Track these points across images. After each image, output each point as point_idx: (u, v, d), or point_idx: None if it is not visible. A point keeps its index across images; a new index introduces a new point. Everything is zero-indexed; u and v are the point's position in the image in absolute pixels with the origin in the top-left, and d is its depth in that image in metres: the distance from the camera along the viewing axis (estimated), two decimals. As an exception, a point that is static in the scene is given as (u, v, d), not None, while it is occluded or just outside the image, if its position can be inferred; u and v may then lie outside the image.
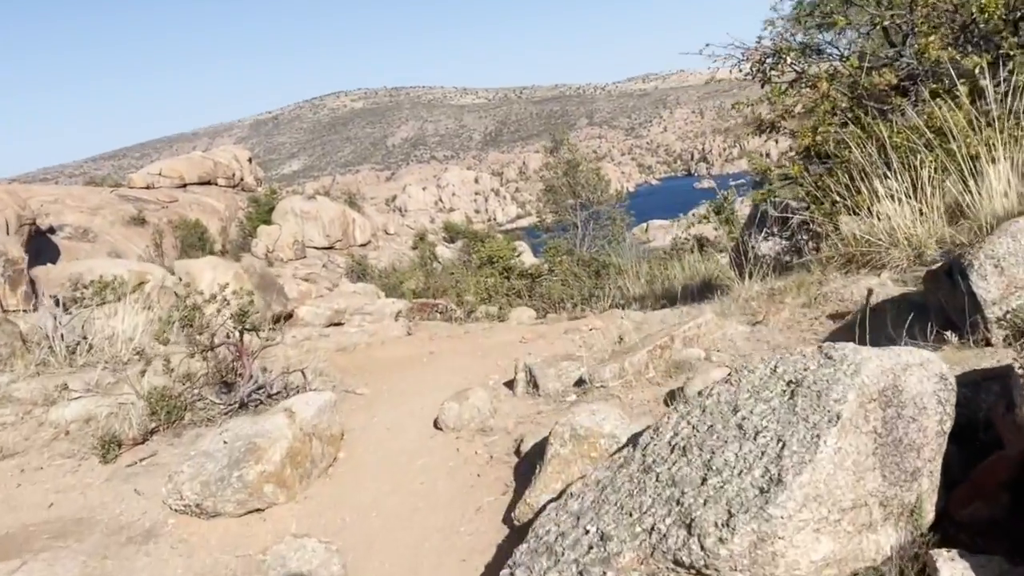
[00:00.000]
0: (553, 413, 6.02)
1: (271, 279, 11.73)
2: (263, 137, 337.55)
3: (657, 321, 8.23)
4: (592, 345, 7.76)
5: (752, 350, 6.21)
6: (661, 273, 11.79)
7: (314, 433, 5.93)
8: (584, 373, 6.35)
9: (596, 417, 4.80)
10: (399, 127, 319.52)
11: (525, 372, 6.87)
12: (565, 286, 14.55)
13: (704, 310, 7.17)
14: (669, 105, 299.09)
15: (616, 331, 7.85)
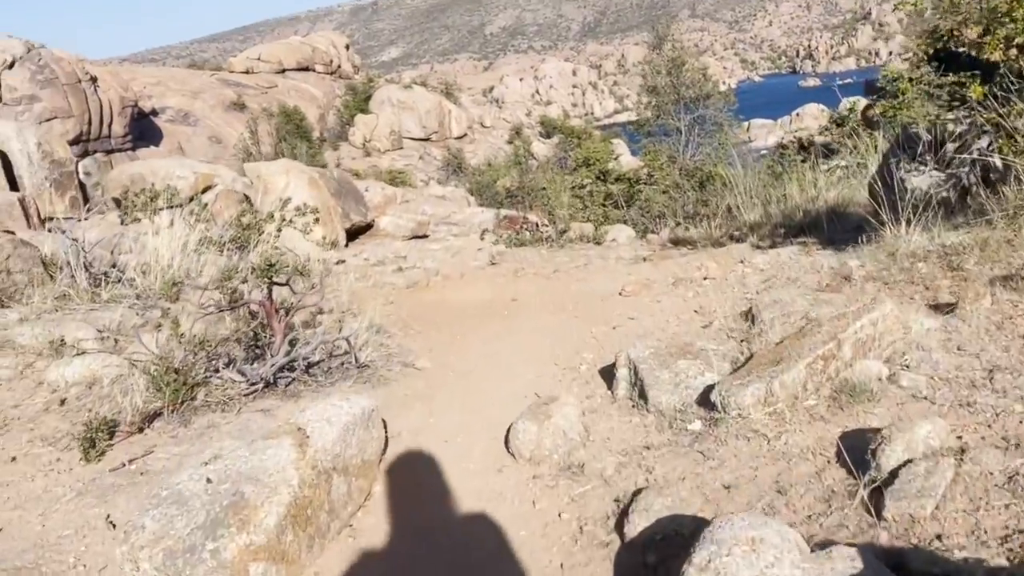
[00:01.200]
0: (670, 452, 4.27)
1: (349, 186, 11.09)
2: (362, 23, 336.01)
3: (788, 271, 6.70)
4: (712, 314, 6.14)
5: (957, 371, 4.31)
6: (775, 191, 10.70)
7: (335, 467, 4.17)
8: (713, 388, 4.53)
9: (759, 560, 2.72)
10: (497, 15, 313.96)
11: (629, 369, 5.15)
12: (666, 196, 13.95)
13: (880, 298, 4.99)
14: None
15: (739, 288, 6.64)
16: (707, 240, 9.49)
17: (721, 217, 10.71)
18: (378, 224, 10.98)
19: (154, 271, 7.29)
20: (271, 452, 4.00)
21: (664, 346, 5.30)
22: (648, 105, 19.34)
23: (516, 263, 8.69)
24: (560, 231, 9.46)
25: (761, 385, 4.28)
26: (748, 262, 7.13)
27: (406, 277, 8.06)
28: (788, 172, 14.92)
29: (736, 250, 7.80)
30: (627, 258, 8.41)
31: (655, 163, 19.70)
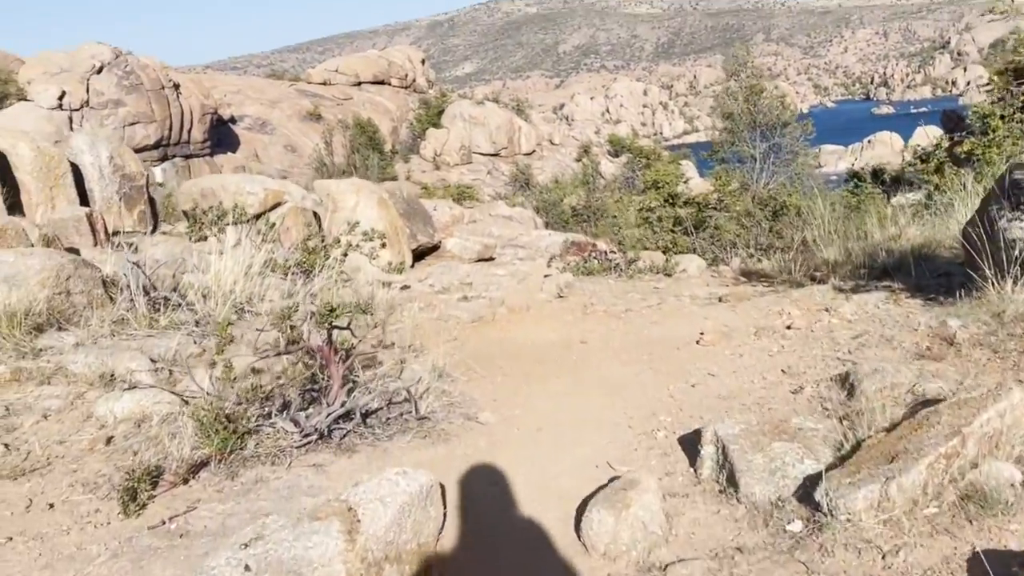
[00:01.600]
0: (766, 559, 3.71)
1: (418, 206, 11.13)
2: (438, 38, 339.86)
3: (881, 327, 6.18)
4: (802, 376, 5.69)
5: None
6: (854, 226, 10.45)
7: (387, 556, 3.72)
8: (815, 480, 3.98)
9: None
10: (571, 34, 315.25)
11: (716, 448, 4.62)
12: (738, 225, 13.84)
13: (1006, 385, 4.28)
14: (851, 25, 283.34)
15: (828, 343, 6.12)
16: (782, 275, 9.23)
17: (796, 251, 10.55)
18: (445, 245, 11.05)
19: (216, 296, 7.10)
20: (317, 539, 3.56)
21: (755, 422, 4.81)
22: (723, 131, 19.21)
23: (585, 297, 8.38)
24: (629, 260, 9.39)
25: (875, 487, 3.70)
26: (834, 311, 6.69)
27: (471, 310, 7.76)
28: (865, 204, 14.74)
29: (818, 293, 7.26)
30: (702, 297, 8.04)
31: (726, 188, 19.55)
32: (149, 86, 33.87)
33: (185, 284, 7.31)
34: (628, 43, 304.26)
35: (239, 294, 7.29)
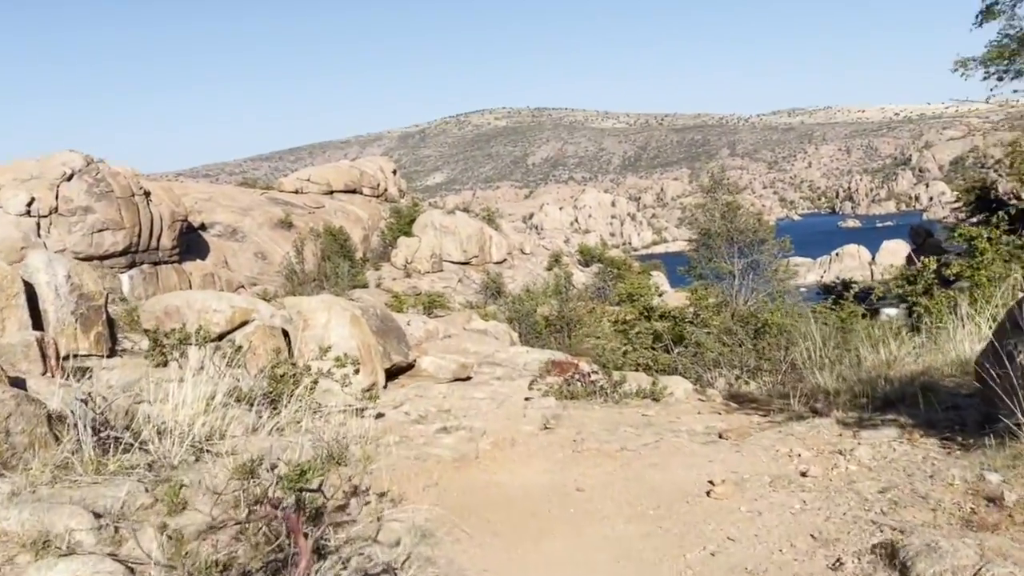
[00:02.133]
0: None
1: (392, 323, 10.62)
2: (409, 149, 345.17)
3: (909, 479, 5.58)
4: (836, 545, 5.06)
5: None
6: (846, 350, 10.10)
7: None
8: None
9: None
10: (540, 147, 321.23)
11: None
12: (721, 344, 13.54)
13: None
14: (815, 141, 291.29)
15: (854, 499, 5.51)
16: (774, 400, 8.82)
17: (785, 374, 10.23)
18: (419, 364, 10.54)
19: (173, 433, 6.39)
20: None
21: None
22: (698, 245, 19.11)
23: (573, 429, 7.65)
24: (614, 384, 8.94)
25: None
26: (848, 454, 6.13)
27: (452, 446, 7.04)
28: (849, 323, 14.50)
29: (824, 429, 6.75)
30: (700, 432, 7.32)
31: (701, 302, 19.36)
32: (119, 193, 33.59)
33: (140, 418, 6.58)
34: (596, 156, 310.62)
35: (199, 430, 6.60)
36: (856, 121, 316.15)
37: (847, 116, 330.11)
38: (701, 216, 20.27)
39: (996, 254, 10.46)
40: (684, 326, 20.17)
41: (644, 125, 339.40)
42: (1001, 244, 10.63)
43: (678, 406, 8.74)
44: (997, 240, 10.63)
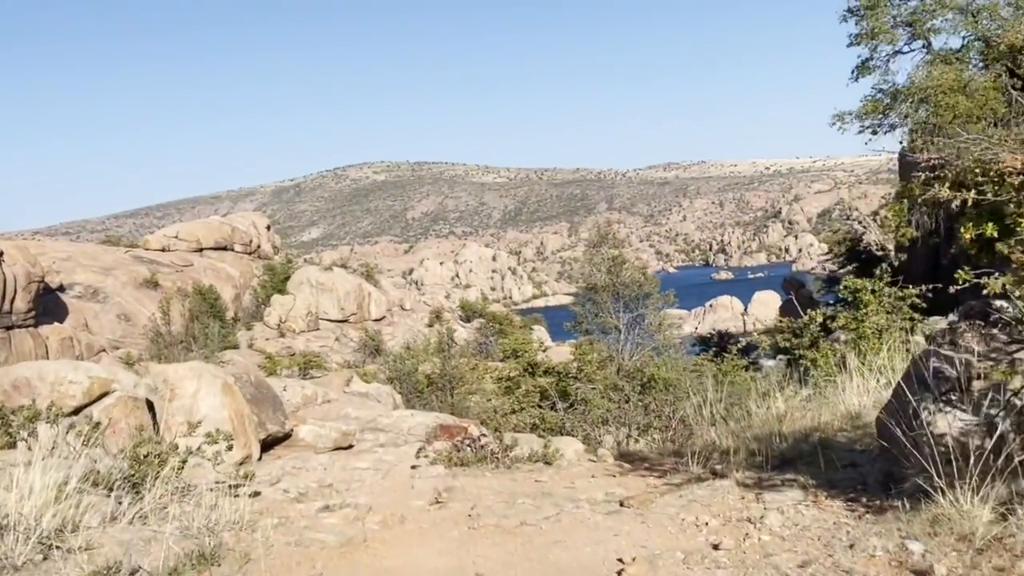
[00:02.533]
0: None
1: (267, 390, 9.58)
2: (284, 204, 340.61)
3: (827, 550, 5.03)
4: None
5: None
6: (734, 404, 9.67)
7: None
8: None
9: None
10: (419, 201, 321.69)
11: None
12: (608, 400, 12.99)
13: None
14: (689, 194, 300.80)
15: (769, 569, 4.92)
16: (664, 458, 8.25)
17: (675, 431, 9.67)
18: (297, 433, 9.52)
19: (17, 527, 5.45)
20: None
21: None
22: (582, 299, 18.65)
23: (467, 502, 6.80)
24: (505, 447, 8.17)
25: None
26: (758, 522, 5.54)
27: (337, 529, 6.02)
28: (732, 376, 14.15)
29: (728, 494, 6.13)
30: (600, 500, 6.54)
31: (585, 357, 18.89)
32: (-35, 253, 31.31)
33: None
34: (476, 210, 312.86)
35: (48, 523, 5.65)
36: (728, 175, 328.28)
37: (720, 170, 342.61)
38: (587, 270, 19.90)
39: (879, 306, 10.25)
40: (568, 382, 19.65)
41: (524, 179, 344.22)
42: (884, 296, 10.44)
43: (571, 469, 8.04)
44: (880, 292, 10.43)
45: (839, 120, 21.49)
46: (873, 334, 9.93)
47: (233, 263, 53.21)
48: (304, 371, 39.10)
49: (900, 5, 21.15)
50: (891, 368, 9.38)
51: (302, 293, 53.23)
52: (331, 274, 56.72)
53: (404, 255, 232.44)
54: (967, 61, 20.10)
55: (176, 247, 50.92)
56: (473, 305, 75.48)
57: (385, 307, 59.86)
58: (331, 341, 53.13)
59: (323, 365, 40.80)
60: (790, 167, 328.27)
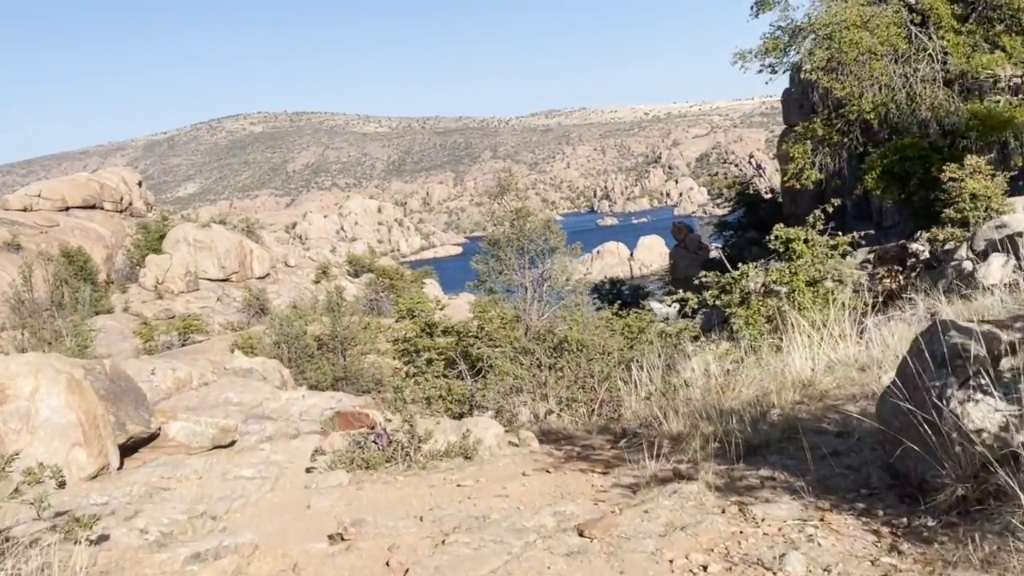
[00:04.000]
0: None
1: (126, 382, 7.89)
2: (157, 158, 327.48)
3: None
4: None
5: None
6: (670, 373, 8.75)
7: None
8: None
9: None
10: (300, 153, 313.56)
11: None
12: (520, 367, 11.99)
13: None
14: (572, 142, 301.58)
15: None
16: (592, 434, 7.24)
17: (601, 404, 8.74)
18: (166, 431, 8.07)
19: None
20: None
21: None
22: (491, 258, 17.44)
23: (381, 541, 4.98)
24: (417, 440, 7.03)
25: None
26: (777, 569, 3.89)
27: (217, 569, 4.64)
28: (648, 333, 13.36)
29: (702, 505, 4.80)
30: (552, 528, 4.58)
31: (485, 315, 17.91)
32: None
33: None
34: (359, 161, 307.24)
35: None
36: (609, 122, 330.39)
37: (601, 117, 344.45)
38: (490, 226, 18.69)
39: (813, 257, 9.51)
40: (470, 341, 18.66)
41: (407, 129, 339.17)
42: (818, 245, 9.69)
43: (496, 464, 6.89)
44: (814, 242, 9.68)
45: (740, 59, 20.92)
46: (808, 287, 9.21)
47: (103, 222, 50.13)
48: (184, 335, 37.07)
49: (798, -63, 20.59)
50: (831, 324, 8.64)
51: (179, 252, 50.71)
52: (209, 231, 54.23)
53: (286, 209, 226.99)
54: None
55: (40, 207, 47.56)
56: (361, 259, 73.59)
57: (268, 264, 57.71)
58: (212, 302, 50.87)
59: (204, 328, 38.80)
60: (668, 112, 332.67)
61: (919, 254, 14.03)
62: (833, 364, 7.76)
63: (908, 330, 7.99)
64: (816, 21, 19.15)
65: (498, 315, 17.27)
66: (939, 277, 11.34)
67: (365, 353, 30.20)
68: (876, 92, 17.82)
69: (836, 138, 19.61)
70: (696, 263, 55.88)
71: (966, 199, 13.54)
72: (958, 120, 17.65)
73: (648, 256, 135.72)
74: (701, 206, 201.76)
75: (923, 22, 18.58)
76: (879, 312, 9.31)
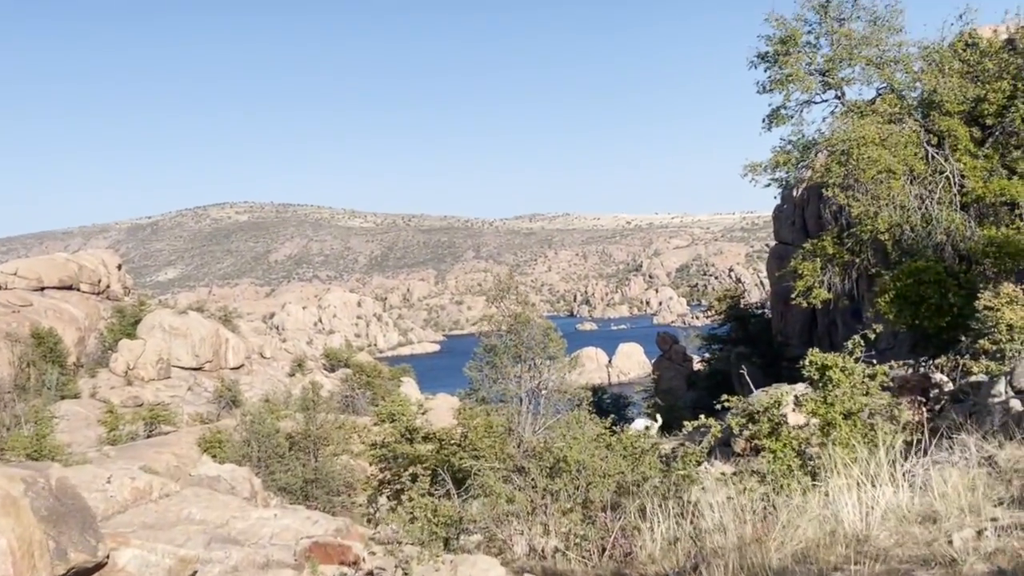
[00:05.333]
0: None
1: (72, 501, 6.62)
2: (140, 242, 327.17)
3: None
4: None
5: None
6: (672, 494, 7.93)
7: None
8: None
9: None
10: (283, 243, 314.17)
11: None
12: (511, 485, 10.95)
13: None
14: (554, 245, 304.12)
15: None
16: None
17: (614, 542, 7.73)
18: (115, 560, 6.90)
19: None
20: None
21: None
22: (486, 365, 16.41)
23: None
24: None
25: None
26: None
27: None
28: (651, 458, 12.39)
29: None
30: None
31: (470, 421, 16.89)
32: None
33: None
34: (342, 254, 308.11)
35: None
36: (592, 228, 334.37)
37: (583, 223, 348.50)
38: (485, 327, 17.73)
39: (851, 387, 8.62)
40: (452, 449, 17.61)
41: (391, 225, 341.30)
42: (855, 374, 8.81)
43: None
44: (851, 371, 8.79)
45: (751, 171, 20.52)
46: (844, 420, 8.32)
47: (78, 304, 49.01)
48: (150, 426, 35.65)
49: (813, 53, 20.37)
50: (875, 464, 7.73)
51: (153, 338, 49.63)
52: (186, 318, 53.25)
53: (266, 298, 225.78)
54: (880, 113, 19.41)
55: (14, 285, 46.43)
56: (338, 353, 72.55)
57: (244, 354, 56.58)
58: (183, 391, 49.60)
59: (172, 420, 37.41)
60: (650, 222, 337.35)
61: (942, 385, 13.25)
62: (886, 513, 6.82)
63: (963, 476, 7.13)
64: (834, 136, 18.80)
65: (485, 423, 16.27)
66: (971, 412, 10.50)
67: (338, 454, 28.95)
68: (892, 212, 17.38)
69: (847, 257, 19.12)
70: (681, 375, 55.07)
71: (1002, 330, 12.85)
72: (974, 245, 17.18)
73: (627, 364, 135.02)
74: (680, 316, 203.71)
75: (940, 143, 18.26)
76: (920, 450, 8.40)
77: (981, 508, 6.74)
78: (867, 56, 19.46)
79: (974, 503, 6.76)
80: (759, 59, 20.57)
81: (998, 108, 18.19)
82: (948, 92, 18.34)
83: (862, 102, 20.32)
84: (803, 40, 19.95)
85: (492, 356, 16.25)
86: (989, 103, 18.20)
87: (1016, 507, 6.61)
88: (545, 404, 15.84)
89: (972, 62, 19.35)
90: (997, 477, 7.64)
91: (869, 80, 20.29)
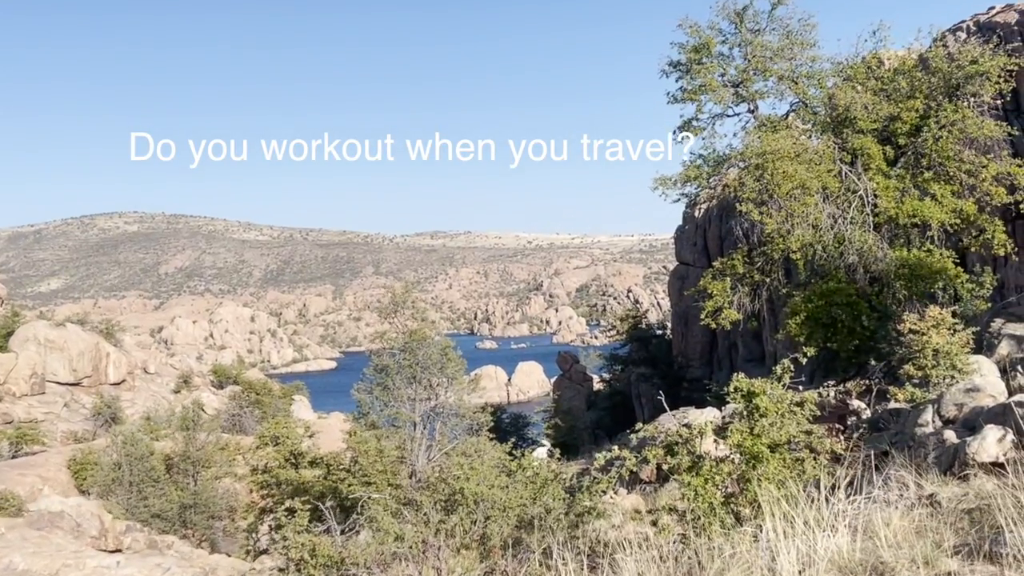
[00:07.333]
0: None
1: None
2: (21, 251, 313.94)
3: None
4: None
5: None
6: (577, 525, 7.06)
7: None
8: None
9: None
10: (174, 255, 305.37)
11: None
12: (401, 520, 9.88)
13: None
14: (455, 263, 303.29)
15: None
16: None
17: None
18: None
19: None
20: None
21: None
22: (377, 387, 15.18)
23: None
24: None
25: None
26: None
27: None
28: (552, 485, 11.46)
29: None
30: None
31: (362, 446, 15.75)
32: None
33: None
34: (236, 268, 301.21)
35: None
36: (493, 247, 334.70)
37: (485, 241, 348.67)
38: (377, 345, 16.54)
39: (779, 416, 7.85)
40: (340, 475, 16.50)
41: (288, 239, 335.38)
42: (783, 402, 8.05)
43: None
44: (781, 398, 8.02)
45: (661, 184, 19.90)
46: (772, 453, 7.53)
47: (-59, 314, 46.00)
48: (16, 446, 33.23)
49: (727, 63, 19.86)
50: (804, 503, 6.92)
51: (27, 351, 46.93)
52: (63, 331, 50.52)
53: (155, 312, 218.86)
54: (794, 129, 19.04)
55: None
56: (227, 370, 70.04)
57: (126, 370, 54.03)
58: (59, 407, 47.02)
59: (41, 439, 35.05)
60: (551, 242, 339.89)
61: (859, 411, 12.69)
62: (828, 565, 5.98)
63: (905, 518, 6.40)
64: (748, 150, 18.28)
65: (375, 449, 15.15)
66: (893, 442, 9.87)
67: (220, 477, 27.37)
68: (804, 230, 16.92)
69: (757, 277, 18.61)
70: (581, 395, 54.70)
71: (928, 355, 12.35)
72: (886, 267, 16.85)
73: (526, 382, 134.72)
74: (580, 335, 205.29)
75: (853, 162, 17.93)
76: (850, 486, 7.65)
77: (933, 559, 5.94)
78: (780, 70, 19.10)
79: (926, 553, 5.96)
80: (671, 67, 20.03)
81: (911, 127, 18.00)
82: (861, 109, 18.07)
83: (775, 117, 19.97)
84: (716, 50, 19.49)
85: (384, 377, 15.07)
86: (902, 122, 18.00)
87: (974, 559, 5.82)
88: (441, 429, 14.76)
89: (886, 79, 19.16)
90: (941, 519, 6.88)
91: (782, 95, 19.95)
